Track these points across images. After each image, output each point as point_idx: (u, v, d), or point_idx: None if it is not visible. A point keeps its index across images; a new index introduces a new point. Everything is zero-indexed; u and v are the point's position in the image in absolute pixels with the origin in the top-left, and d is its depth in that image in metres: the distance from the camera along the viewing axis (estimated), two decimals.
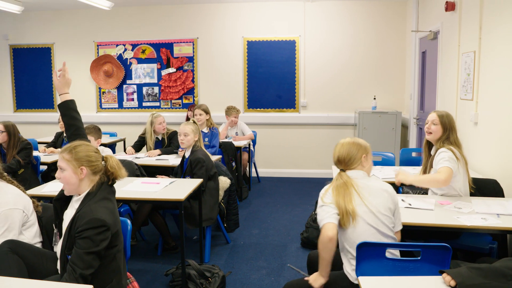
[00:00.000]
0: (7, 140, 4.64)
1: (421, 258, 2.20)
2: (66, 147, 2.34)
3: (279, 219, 5.35)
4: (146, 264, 4.04)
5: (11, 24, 8.10)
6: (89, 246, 2.11)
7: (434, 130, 3.30)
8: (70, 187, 2.30)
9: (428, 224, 2.68)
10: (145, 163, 4.82)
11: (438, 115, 3.30)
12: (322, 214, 2.37)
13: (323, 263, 2.31)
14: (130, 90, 7.92)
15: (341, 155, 2.63)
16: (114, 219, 2.25)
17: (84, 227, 2.12)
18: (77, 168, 2.27)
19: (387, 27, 7.17)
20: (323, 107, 7.46)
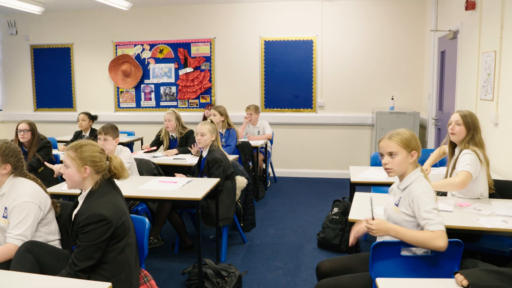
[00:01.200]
0: (30, 139, 4.70)
1: (434, 254, 2.20)
2: (72, 145, 2.40)
3: (295, 219, 5.34)
4: (163, 263, 4.07)
5: (32, 25, 8.23)
6: (89, 239, 2.18)
7: (458, 131, 3.19)
8: (73, 183, 2.38)
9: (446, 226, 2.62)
10: (162, 162, 4.85)
11: (461, 115, 3.19)
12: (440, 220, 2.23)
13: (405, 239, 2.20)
14: (147, 90, 7.98)
15: None
16: (117, 213, 2.30)
17: (84, 222, 2.19)
18: (80, 167, 2.34)
19: (405, 26, 7.10)
20: (341, 107, 7.42)
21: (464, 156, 3.01)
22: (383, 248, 2.22)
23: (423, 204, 2.22)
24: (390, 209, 2.42)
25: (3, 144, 2.65)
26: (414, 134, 2.42)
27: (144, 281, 2.54)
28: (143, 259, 2.58)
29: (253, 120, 6.69)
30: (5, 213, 2.57)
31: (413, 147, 2.36)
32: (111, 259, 2.26)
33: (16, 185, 2.63)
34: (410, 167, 2.38)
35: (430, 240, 2.13)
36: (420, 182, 2.33)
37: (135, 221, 2.58)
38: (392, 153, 2.35)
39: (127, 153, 4.14)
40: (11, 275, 2.06)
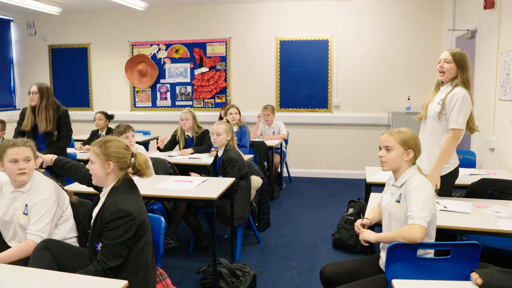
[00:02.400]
0: (39, 102, 4.42)
1: (451, 256, 2.18)
2: (98, 141, 2.43)
3: (310, 219, 5.32)
4: (178, 261, 4.09)
5: (50, 25, 8.34)
6: (116, 236, 2.18)
7: (448, 69, 3.15)
8: (97, 179, 2.42)
9: (464, 228, 2.61)
10: (178, 162, 4.88)
11: (451, 53, 3.14)
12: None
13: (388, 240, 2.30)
14: (163, 89, 8.02)
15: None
16: (140, 211, 2.31)
17: (110, 218, 2.20)
18: (104, 163, 2.36)
19: (422, 25, 7.02)
20: (356, 107, 7.37)
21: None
22: (399, 250, 2.21)
23: (412, 197, 2.29)
24: (391, 207, 2.44)
25: (31, 142, 2.72)
26: (415, 135, 2.46)
27: (159, 279, 2.56)
28: (159, 258, 2.60)
29: (269, 121, 6.69)
30: (25, 210, 2.61)
31: (411, 146, 2.42)
32: (130, 258, 2.27)
33: (37, 183, 2.67)
34: (405, 164, 2.43)
35: (405, 232, 2.21)
36: (416, 176, 2.39)
37: (151, 219, 2.60)
38: (388, 147, 2.43)
39: (143, 152, 4.17)
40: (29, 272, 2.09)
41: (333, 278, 2.51)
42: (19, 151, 2.62)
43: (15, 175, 2.63)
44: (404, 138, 2.40)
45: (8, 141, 2.67)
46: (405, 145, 2.40)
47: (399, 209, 2.38)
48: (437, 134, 3.20)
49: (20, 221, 2.61)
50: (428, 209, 2.24)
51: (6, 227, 2.69)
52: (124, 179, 2.40)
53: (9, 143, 2.64)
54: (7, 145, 2.64)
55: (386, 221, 2.51)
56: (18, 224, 2.63)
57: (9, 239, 2.71)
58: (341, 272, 2.52)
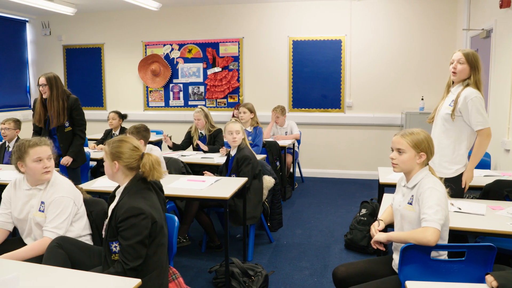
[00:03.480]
0: (49, 94, 4.32)
1: (465, 258, 2.16)
2: (111, 140, 2.47)
3: (322, 219, 5.31)
4: (190, 261, 4.10)
5: (65, 26, 8.42)
6: (132, 235, 2.19)
7: (461, 70, 3.16)
8: (108, 176, 2.47)
9: (478, 229, 2.58)
10: (190, 161, 4.90)
11: (464, 54, 3.15)
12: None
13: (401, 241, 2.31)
14: (176, 89, 8.06)
15: None
16: (154, 211, 2.31)
17: (124, 216, 2.21)
18: (111, 162, 2.39)
19: (435, 25, 6.96)
20: (369, 107, 7.34)
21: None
22: (413, 251, 2.19)
23: (426, 199, 2.26)
24: (403, 209, 2.42)
25: (49, 141, 2.76)
26: (428, 137, 2.42)
27: (172, 278, 2.57)
28: (171, 257, 2.61)
29: (280, 121, 6.68)
30: (41, 207, 2.64)
31: (423, 149, 2.37)
32: (145, 258, 2.27)
33: (54, 180, 2.71)
34: (417, 167, 2.40)
35: (419, 235, 2.18)
36: (428, 178, 2.36)
37: None
38: (400, 150, 2.40)
39: (157, 152, 4.20)
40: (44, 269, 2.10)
41: (346, 279, 2.50)
42: (41, 150, 2.67)
43: (40, 174, 2.66)
44: (417, 141, 2.37)
45: (27, 141, 2.69)
46: (417, 147, 2.37)
47: (411, 211, 2.36)
48: (449, 135, 3.19)
49: (36, 218, 2.64)
50: (441, 212, 2.22)
51: (21, 224, 2.73)
52: (137, 179, 2.40)
53: (30, 143, 2.67)
54: (28, 145, 2.66)
55: (398, 222, 2.49)
56: (34, 221, 2.66)
57: (25, 236, 2.75)
58: (354, 273, 2.52)
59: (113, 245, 2.27)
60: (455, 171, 3.18)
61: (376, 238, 2.43)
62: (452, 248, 2.35)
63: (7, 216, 2.74)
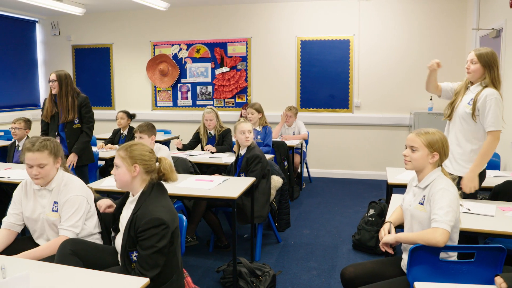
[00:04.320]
0: (58, 90, 4.41)
1: (475, 260, 2.15)
2: (123, 145, 2.43)
3: (330, 220, 5.30)
4: (198, 260, 4.11)
5: (74, 26, 8.48)
6: (151, 245, 2.17)
7: (474, 70, 3.16)
8: (122, 183, 2.38)
9: (488, 231, 2.56)
10: (198, 161, 4.90)
11: (476, 54, 3.15)
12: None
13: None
14: (184, 89, 8.08)
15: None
16: (173, 217, 2.30)
17: (144, 227, 2.18)
18: (130, 166, 2.35)
19: (444, 25, 6.92)
20: (377, 107, 7.31)
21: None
22: (421, 252, 2.18)
23: (437, 200, 2.25)
24: (414, 209, 2.41)
25: (48, 142, 2.67)
26: (444, 138, 2.41)
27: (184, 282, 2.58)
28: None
29: (290, 122, 6.68)
30: (55, 207, 2.66)
31: (437, 149, 2.37)
32: (165, 264, 2.26)
33: (65, 180, 2.71)
34: (429, 166, 2.39)
35: (429, 236, 2.17)
36: (441, 179, 2.35)
37: None
38: (413, 147, 2.40)
39: (166, 151, 4.21)
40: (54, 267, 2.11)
41: (354, 280, 2.50)
42: (33, 157, 2.60)
43: (31, 178, 2.67)
44: (431, 140, 2.36)
45: (27, 143, 2.66)
46: (431, 147, 2.36)
47: (422, 212, 2.35)
48: (466, 134, 3.19)
49: (50, 218, 2.65)
50: (452, 213, 2.21)
51: (33, 224, 2.73)
52: (153, 184, 2.39)
53: (26, 147, 2.64)
54: (25, 148, 2.65)
55: (408, 222, 2.48)
56: (47, 222, 2.67)
57: (37, 237, 2.76)
58: (362, 274, 2.51)
59: (133, 254, 2.26)
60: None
61: (385, 240, 2.41)
62: (462, 249, 2.34)
63: (17, 217, 2.74)
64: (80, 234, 2.65)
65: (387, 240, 2.39)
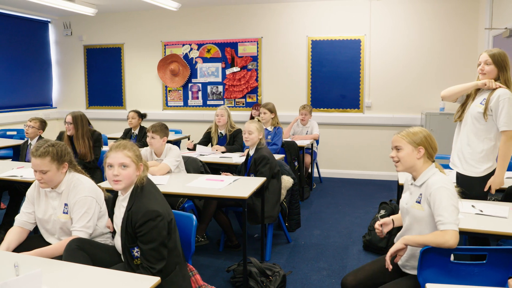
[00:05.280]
0: (74, 131, 4.69)
1: (486, 262, 2.13)
2: (122, 145, 2.41)
3: (340, 220, 5.28)
4: (208, 259, 4.12)
5: (86, 26, 8.54)
6: (152, 238, 2.21)
7: (488, 71, 3.14)
8: (128, 183, 2.37)
9: (501, 232, 2.53)
10: (209, 161, 4.91)
11: (490, 55, 3.13)
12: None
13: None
14: (195, 89, 8.10)
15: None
16: (167, 208, 2.36)
17: (142, 221, 2.22)
18: (138, 165, 2.40)
19: (457, 24, 6.87)
20: (388, 107, 7.28)
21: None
22: (432, 254, 2.16)
23: (439, 200, 2.22)
24: (411, 208, 2.38)
25: (51, 148, 2.64)
26: (424, 131, 2.41)
27: (189, 275, 2.59)
28: (190, 255, 2.63)
29: (306, 120, 6.67)
30: (65, 209, 2.67)
31: (420, 142, 2.36)
32: (168, 255, 2.30)
33: (74, 182, 2.71)
34: (419, 162, 2.38)
35: (439, 238, 2.14)
36: (437, 176, 2.33)
37: (183, 218, 2.63)
38: (398, 147, 2.41)
39: (176, 151, 4.21)
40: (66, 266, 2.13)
41: (357, 287, 2.48)
42: (35, 162, 2.60)
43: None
44: (413, 136, 2.38)
45: (34, 146, 2.66)
46: (414, 142, 2.36)
47: (419, 210, 2.33)
48: (478, 134, 3.17)
49: (61, 220, 2.67)
50: (456, 211, 2.20)
51: (45, 224, 2.76)
52: (142, 179, 2.41)
53: (32, 150, 2.65)
54: (30, 151, 2.67)
55: (406, 221, 2.46)
56: (58, 223, 2.69)
57: (48, 236, 2.78)
58: (363, 278, 2.48)
59: (134, 250, 2.30)
60: (484, 171, 3.15)
61: (393, 249, 2.30)
62: (474, 251, 2.32)
63: (29, 216, 2.77)
64: (92, 234, 2.67)
65: (397, 247, 2.29)
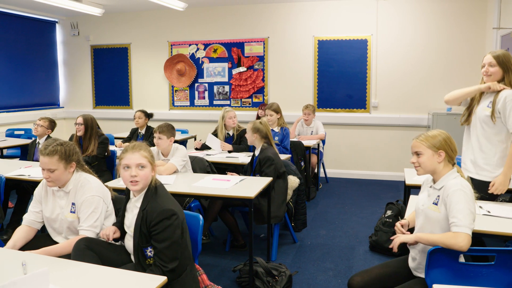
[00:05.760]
0: (83, 132, 4.84)
1: (495, 263, 2.12)
2: (137, 146, 2.45)
3: (347, 220, 5.27)
4: (214, 259, 4.13)
5: (93, 26, 8.58)
6: (167, 237, 2.23)
7: (493, 72, 3.12)
8: (146, 183, 2.41)
9: (509, 233, 2.52)
10: (215, 160, 4.91)
11: (494, 56, 3.11)
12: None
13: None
14: (201, 89, 8.11)
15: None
16: (179, 208, 2.38)
17: (157, 219, 2.24)
18: (152, 165, 2.43)
19: (464, 24, 6.83)
20: (395, 107, 7.25)
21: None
22: (440, 255, 2.15)
23: (455, 203, 2.21)
24: (427, 209, 2.38)
25: (60, 147, 2.66)
26: (444, 134, 2.40)
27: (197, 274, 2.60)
28: (196, 255, 2.63)
29: (309, 120, 6.66)
30: (72, 208, 2.69)
31: (440, 146, 2.35)
32: (180, 255, 2.31)
33: (82, 181, 2.72)
34: (440, 166, 2.37)
35: (451, 240, 2.14)
36: (457, 179, 2.31)
37: (190, 217, 2.64)
38: (418, 152, 2.40)
39: (183, 151, 4.22)
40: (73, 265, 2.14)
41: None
42: (43, 160, 2.62)
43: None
44: (432, 140, 2.37)
45: (43, 145, 2.69)
46: (434, 146, 2.35)
47: (435, 212, 2.32)
48: (489, 137, 3.14)
49: (68, 219, 2.68)
50: (471, 216, 2.19)
51: (52, 223, 2.77)
52: (156, 181, 2.45)
53: (40, 148, 2.67)
54: (39, 150, 2.69)
55: (419, 222, 2.45)
56: (66, 223, 2.70)
57: (55, 235, 2.80)
58: (370, 280, 2.47)
59: (148, 250, 2.31)
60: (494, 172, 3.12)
61: (404, 239, 2.36)
62: (482, 252, 2.31)
63: (37, 215, 2.78)
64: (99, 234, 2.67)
65: (407, 239, 2.34)
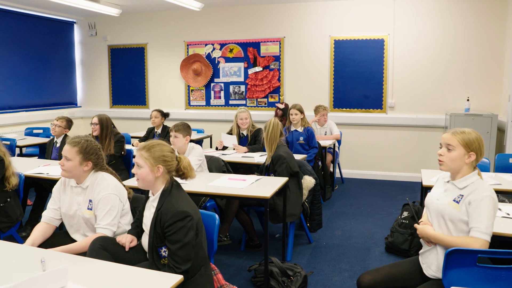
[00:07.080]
0: (99, 132, 4.90)
1: None
2: (144, 145, 2.48)
3: (362, 221, 5.24)
4: (229, 259, 4.14)
5: (110, 26, 8.66)
6: (180, 239, 2.24)
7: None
8: (146, 183, 2.43)
9: None
10: (231, 160, 4.93)
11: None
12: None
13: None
14: (217, 89, 8.14)
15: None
16: (194, 209, 2.38)
17: (171, 221, 2.25)
18: (154, 166, 2.40)
19: (483, 23, 6.73)
20: (412, 108, 7.19)
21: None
22: (457, 256, 2.13)
23: (483, 207, 2.19)
24: (446, 205, 2.34)
25: (84, 142, 2.74)
26: (480, 137, 2.35)
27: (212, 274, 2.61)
28: (212, 254, 2.64)
29: (322, 121, 6.64)
30: (89, 205, 2.72)
31: (474, 148, 2.31)
32: (194, 255, 2.32)
33: (99, 179, 2.75)
34: (465, 167, 2.33)
35: (468, 244, 2.15)
36: (484, 184, 2.28)
37: (206, 217, 2.65)
38: (450, 146, 2.34)
39: (199, 150, 4.24)
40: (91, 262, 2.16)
41: (373, 287, 2.46)
42: (66, 148, 2.72)
43: None
44: (468, 140, 2.31)
45: (73, 136, 2.80)
46: (468, 147, 2.31)
47: (455, 210, 2.29)
48: None
49: (85, 216, 2.72)
50: (493, 223, 2.19)
51: (70, 220, 2.81)
52: (172, 181, 2.46)
53: (69, 138, 2.77)
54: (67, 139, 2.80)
55: (432, 217, 2.42)
56: (83, 219, 2.74)
57: (73, 232, 2.83)
58: (381, 279, 2.45)
59: (162, 250, 2.33)
60: None
61: (427, 231, 2.35)
62: (501, 255, 2.28)
63: (55, 212, 2.83)
64: (116, 232, 2.70)
65: (429, 233, 2.34)
